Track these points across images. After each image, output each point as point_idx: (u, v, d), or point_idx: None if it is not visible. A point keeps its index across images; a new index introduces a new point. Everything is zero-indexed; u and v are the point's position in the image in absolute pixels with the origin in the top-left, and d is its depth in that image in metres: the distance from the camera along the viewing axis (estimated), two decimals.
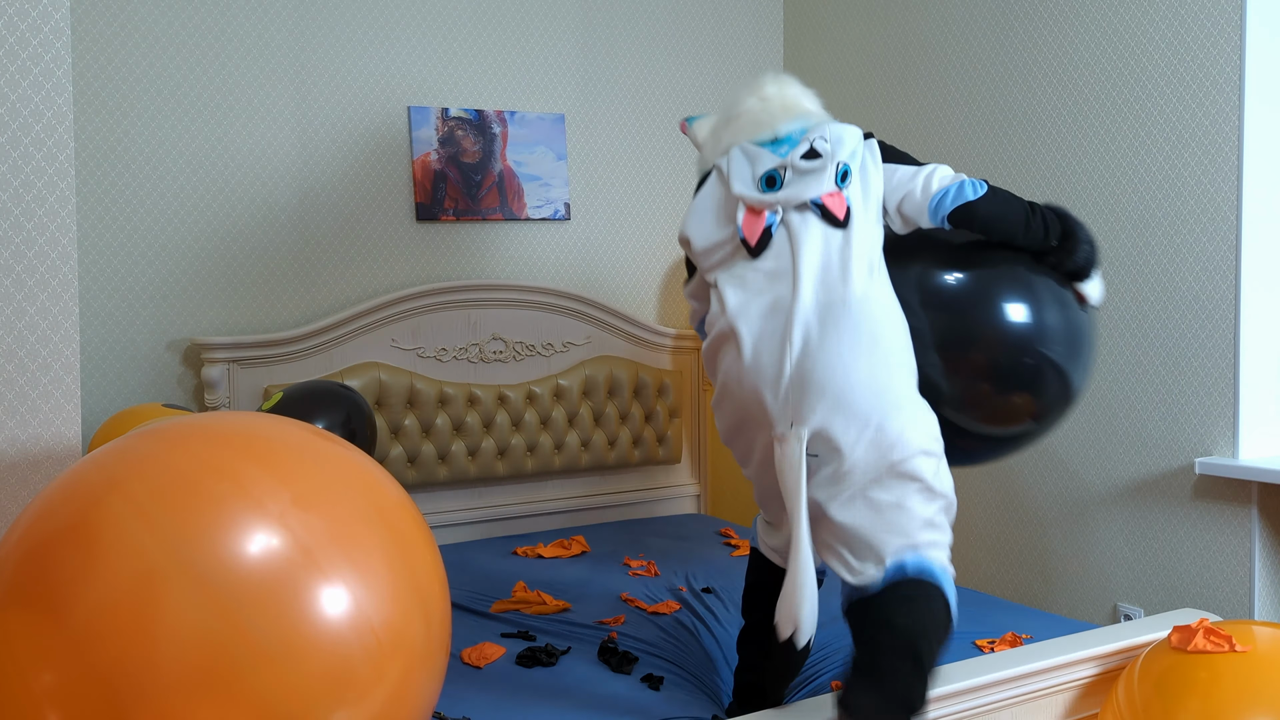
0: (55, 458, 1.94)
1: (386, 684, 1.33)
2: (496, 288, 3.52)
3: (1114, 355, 3.02)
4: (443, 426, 3.39)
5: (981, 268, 1.90)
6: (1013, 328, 1.87)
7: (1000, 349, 1.88)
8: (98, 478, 1.34)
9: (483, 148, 3.57)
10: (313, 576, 1.29)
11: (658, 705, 1.98)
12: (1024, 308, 1.87)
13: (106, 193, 3.08)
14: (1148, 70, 2.91)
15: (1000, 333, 1.87)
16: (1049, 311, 1.88)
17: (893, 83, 3.68)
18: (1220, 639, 1.79)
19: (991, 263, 1.90)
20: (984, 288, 1.89)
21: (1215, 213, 2.77)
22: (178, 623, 1.22)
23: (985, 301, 1.88)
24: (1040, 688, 1.94)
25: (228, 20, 3.21)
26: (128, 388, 3.10)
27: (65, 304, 1.94)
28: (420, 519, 1.52)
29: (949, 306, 1.89)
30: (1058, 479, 3.19)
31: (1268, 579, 2.75)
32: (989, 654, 2.03)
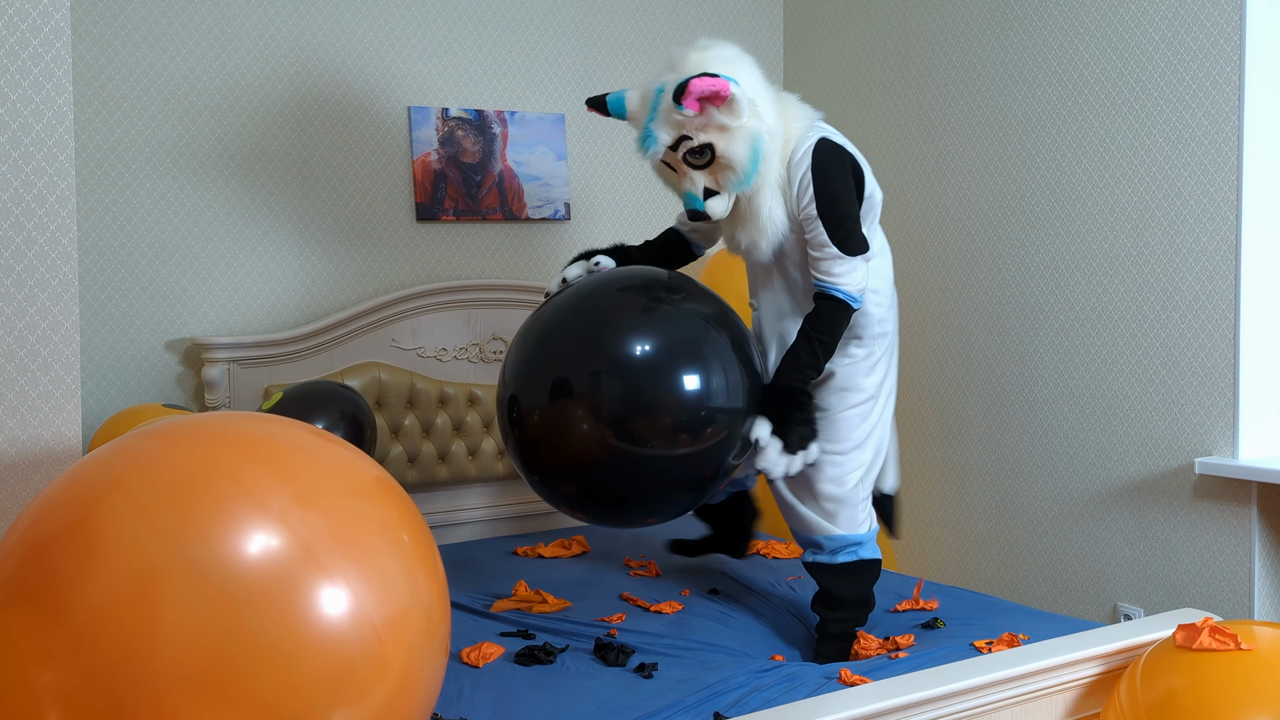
0: (55, 458, 1.94)
1: (387, 683, 1.33)
2: (496, 288, 3.52)
3: (1114, 355, 3.02)
4: (443, 426, 3.39)
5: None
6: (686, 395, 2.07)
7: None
8: (98, 477, 1.34)
9: (483, 148, 3.57)
10: (314, 574, 1.29)
11: (649, 692, 1.98)
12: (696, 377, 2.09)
13: (106, 193, 3.08)
14: (1148, 70, 2.91)
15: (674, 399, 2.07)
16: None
17: (893, 83, 3.68)
18: (1226, 637, 1.79)
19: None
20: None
21: (1215, 213, 2.77)
22: (178, 621, 1.22)
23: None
24: (1041, 687, 1.94)
25: (228, 20, 3.21)
26: (128, 388, 3.10)
27: (65, 304, 1.94)
28: (420, 518, 1.52)
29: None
30: (1058, 479, 3.19)
31: (1268, 579, 2.75)
32: (988, 654, 2.03)
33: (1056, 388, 3.19)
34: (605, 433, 2.06)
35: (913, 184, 3.62)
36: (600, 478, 2.13)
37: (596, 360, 2.10)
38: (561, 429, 2.10)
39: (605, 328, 2.12)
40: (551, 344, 2.16)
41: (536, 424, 2.13)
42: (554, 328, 2.18)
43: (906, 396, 3.68)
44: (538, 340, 2.18)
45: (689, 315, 2.18)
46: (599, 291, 2.22)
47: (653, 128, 2.15)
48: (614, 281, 2.25)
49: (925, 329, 3.59)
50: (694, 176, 2.17)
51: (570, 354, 2.13)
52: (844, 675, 2.02)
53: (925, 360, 3.60)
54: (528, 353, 2.18)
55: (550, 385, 2.12)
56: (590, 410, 2.08)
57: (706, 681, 2.03)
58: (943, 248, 3.52)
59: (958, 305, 3.47)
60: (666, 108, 2.13)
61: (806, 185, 2.22)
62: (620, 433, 2.06)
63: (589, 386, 2.09)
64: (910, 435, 3.67)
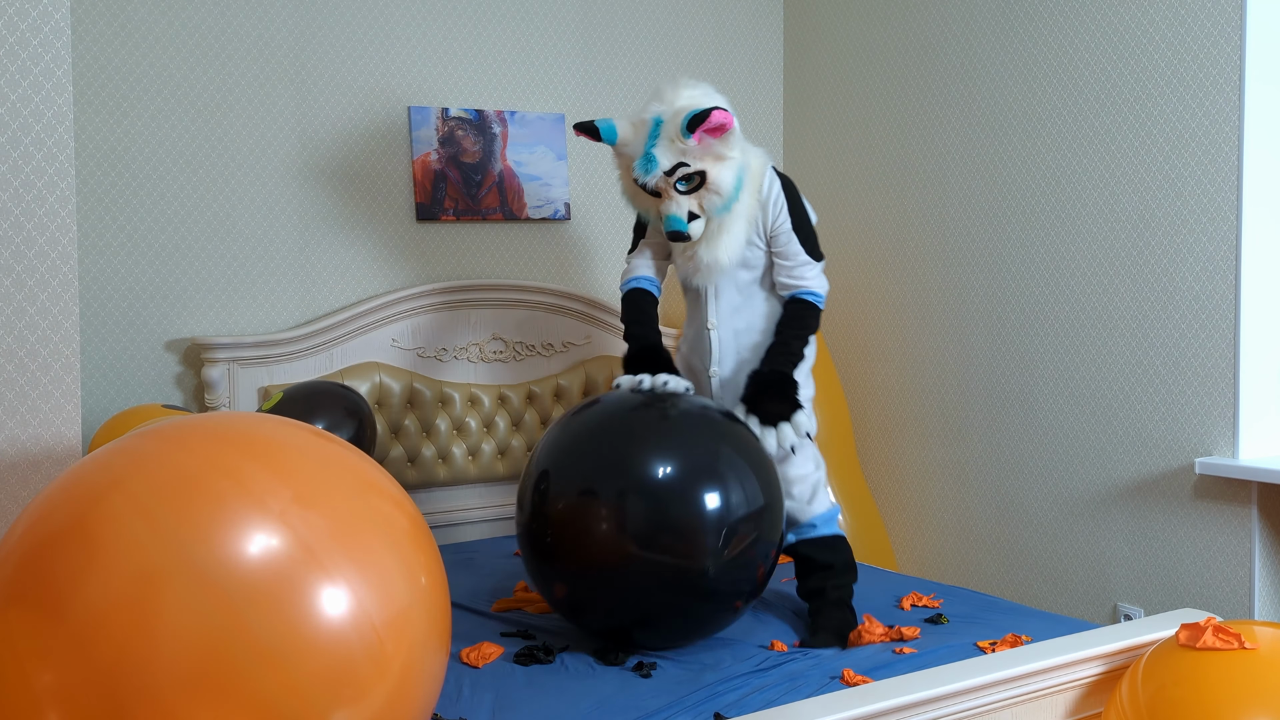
0: (55, 458, 1.93)
1: (387, 683, 1.33)
2: (496, 288, 3.52)
3: (1114, 355, 3.02)
4: (443, 426, 3.39)
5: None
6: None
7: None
8: (98, 477, 1.34)
9: (483, 148, 3.57)
10: (314, 574, 1.29)
11: (649, 692, 1.98)
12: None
13: (106, 193, 3.07)
14: (1148, 70, 2.91)
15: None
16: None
17: (893, 83, 3.68)
18: (1230, 636, 1.79)
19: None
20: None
21: (1215, 213, 2.77)
22: (178, 621, 1.22)
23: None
24: (1042, 687, 1.94)
25: (228, 20, 3.21)
26: (128, 388, 3.10)
27: (65, 304, 1.94)
28: (420, 518, 1.52)
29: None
30: (1058, 479, 3.19)
31: (1268, 579, 2.75)
32: (989, 654, 2.03)
33: (1056, 388, 3.19)
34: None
35: (913, 184, 3.62)
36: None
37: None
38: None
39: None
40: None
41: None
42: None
43: (907, 396, 3.68)
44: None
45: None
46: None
47: (655, 153, 2.37)
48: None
49: (925, 329, 3.59)
50: (680, 200, 2.41)
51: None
52: (846, 675, 2.02)
53: (925, 360, 3.60)
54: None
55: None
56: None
57: (707, 681, 2.03)
58: (943, 248, 3.52)
59: (958, 305, 3.48)
60: (671, 135, 2.37)
61: (781, 205, 2.52)
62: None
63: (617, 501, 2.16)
64: (910, 435, 3.67)
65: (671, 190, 2.40)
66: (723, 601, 2.20)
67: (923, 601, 2.57)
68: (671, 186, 2.40)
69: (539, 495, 2.20)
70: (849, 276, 3.87)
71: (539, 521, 2.19)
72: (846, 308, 3.89)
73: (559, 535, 2.17)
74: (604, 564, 2.13)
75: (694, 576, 2.12)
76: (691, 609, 2.17)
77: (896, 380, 3.71)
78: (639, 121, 2.43)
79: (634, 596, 2.14)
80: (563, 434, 2.27)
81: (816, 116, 4.00)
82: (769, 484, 2.24)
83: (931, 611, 2.50)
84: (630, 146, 2.43)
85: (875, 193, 3.76)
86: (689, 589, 2.14)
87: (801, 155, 4.07)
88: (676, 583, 2.13)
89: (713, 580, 2.13)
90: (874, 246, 3.77)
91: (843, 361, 3.90)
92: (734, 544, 2.13)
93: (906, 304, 3.66)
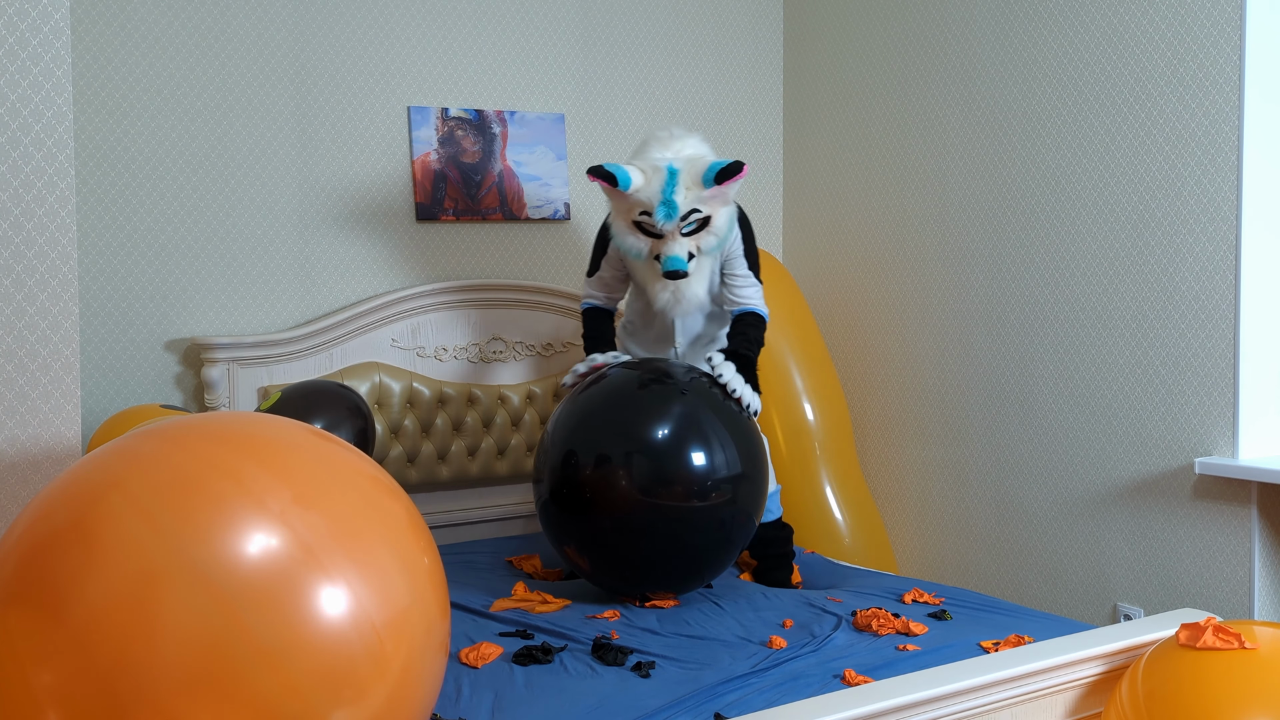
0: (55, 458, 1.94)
1: (386, 683, 1.33)
2: (496, 288, 3.52)
3: (1114, 355, 3.02)
4: (443, 426, 3.39)
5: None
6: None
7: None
8: (98, 477, 1.34)
9: (483, 148, 3.57)
10: (314, 574, 1.29)
11: (648, 692, 1.98)
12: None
13: (106, 193, 3.07)
14: (1148, 70, 2.91)
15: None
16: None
17: (893, 83, 3.68)
18: (1230, 636, 1.79)
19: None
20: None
21: (1215, 213, 2.77)
22: (178, 621, 1.22)
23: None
24: (1042, 687, 1.94)
25: (228, 20, 3.21)
26: (127, 388, 3.10)
27: (65, 304, 1.94)
28: (419, 518, 1.52)
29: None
30: (1058, 479, 3.19)
31: (1268, 579, 2.75)
32: (989, 654, 2.03)
33: (1056, 388, 3.19)
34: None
35: (913, 184, 3.62)
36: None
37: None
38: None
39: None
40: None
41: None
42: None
43: (907, 396, 3.68)
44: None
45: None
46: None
47: (676, 199, 2.63)
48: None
49: (925, 329, 3.59)
50: (682, 242, 2.67)
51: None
52: (847, 675, 2.02)
53: (925, 360, 3.60)
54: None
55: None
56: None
57: (707, 681, 2.03)
58: (942, 248, 3.52)
59: (958, 305, 3.47)
60: (688, 183, 2.64)
61: (737, 236, 2.83)
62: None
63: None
64: (910, 435, 3.67)
65: (677, 233, 2.65)
66: (714, 537, 2.56)
67: (924, 598, 2.57)
68: (678, 230, 2.65)
69: (566, 463, 2.57)
70: (849, 276, 3.87)
71: (567, 485, 2.55)
72: (846, 308, 3.89)
73: (585, 494, 2.53)
74: (621, 512, 2.51)
75: (688, 514, 2.52)
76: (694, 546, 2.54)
77: (896, 380, 3.71)
78: (648, 169, 2.67)
79: (646, 540, 2.51)
80: (573, 410, 2.64)
81: (816, 116, 4.00)
82: (748, 441, 2.63)
83: (934, 608, 2.50)
84: (641, 192, 2.66)
85: (875, 193, 3.76)
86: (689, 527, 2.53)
87: (801, 155, 4.07)
88: (678, 520, 2.52)
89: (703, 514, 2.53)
90: (874, 246, 3.77)
91: (843, 361, 3.90)
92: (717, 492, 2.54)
93: (906, 304, 3.66)
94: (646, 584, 2.58)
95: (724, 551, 2.60)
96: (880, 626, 2.32)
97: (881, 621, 2.33)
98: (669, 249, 2.67)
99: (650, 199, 2.65)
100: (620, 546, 2.54)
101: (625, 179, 2.66)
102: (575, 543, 2.58)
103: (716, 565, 2.60)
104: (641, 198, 2.67)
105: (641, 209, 2.68)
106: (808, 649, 2.22)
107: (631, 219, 2.72)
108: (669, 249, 2.67)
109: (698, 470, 2.51)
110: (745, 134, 4.05)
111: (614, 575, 2.59)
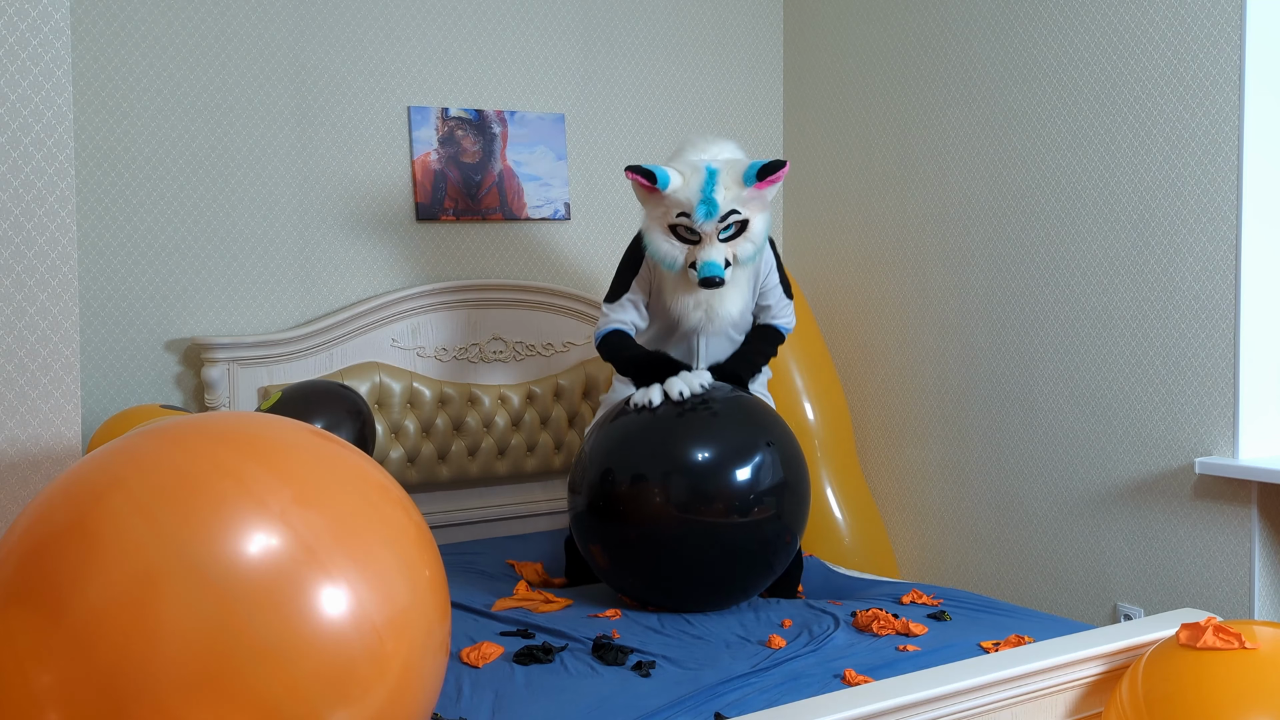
0: (55, 458, 1.94)
1: (387, 682, 1.33)
2: (496, 288, 3.52)
3: (1114, 355, 3.02)
4: (443, 426, 3.39)
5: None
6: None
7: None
8: (98, 477, 1.34)
9: (483, 148, 3.57)
10: (314, 574, 1.29)
11: (649, 692, 1.99)
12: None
13: (106, 193, 3.07)
14: (1148, 70, 2.91)
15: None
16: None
17: (893, 83, 3.68)
18: (1230, 636, 1.79)
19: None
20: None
21: (1215, 213, 2.77)
22: (179, 621, 1.22)
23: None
24: (1042, 687, 1.94)
25: (228, 20, 3.21)
26: (127, 388, 3.10)
27: (65, 304, 1.94)
28: (420, 519, 1.52)
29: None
30: (1058, 479, 3.19)
31: (1268, 579, 2.75)
32: (989, 654, 2.03)
33: (1056, 388, 3.19)
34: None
35: (913, 184, 3.62)
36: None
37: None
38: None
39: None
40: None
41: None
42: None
43: (907, 396, 3.68)
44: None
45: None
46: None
47: (716, 199, 2.56)
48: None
49: (925, 329, 3.59)
50: (719, 247, 2.60)
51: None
52: (847, 675, 2.02)
53: (925, 360, 3.60)
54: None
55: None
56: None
57: (707, 681, 2.03)
58: (942, 247, 3.52)
59: (957, 305, 3.47)
60: (728, 183, 2.58)
61: (771, 263, 2.83)
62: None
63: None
64: (910, 435, 3.67)
65: (714, 237, 2.58)
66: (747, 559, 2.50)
67: (924, 599, 2.57)
68: (715, 233, 2.58)
69: (603, 479, 2.52)
70: (849, 276, 3.87)
71: (604, 499, 2.51)
72: (846, 308, 3.89)
73: (620, 509, 2.50)
74: (652, 525, 2.47)
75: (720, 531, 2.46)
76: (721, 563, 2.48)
77: (896, 380, 3.71)
78: (686, 169, 2.60)
79: (675, 553, 2.47)
80: (611, 431, 2.60)
81: (816, 116, 4.00)
82: (793, 464, 2.57)
83: (934, 609, 2.50)
84: (680, 192, 2.58)
85: (875, 192, 3.76)
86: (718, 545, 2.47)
87: (801, 155, 4.07)
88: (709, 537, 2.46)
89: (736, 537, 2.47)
90: (874, 246, 3.77)
91: (843, 361, 3.90)
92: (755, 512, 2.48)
93: (906, 304, 3.66)
94: (662, 592, 2.52)
95: (761, 567, 2.53)
96: (880, 627, 2.32)
97: (881, 622, 2.33)
98: (706, 254, 2.58)
99: (689, 199, 2.57)
100: (651, 556, 2.49)
101: (665, 178, 2.59)
102: (602, 543, 2.54)
103: (751, 581, 2.54)
104: (680, 198, 2.59)
105: (680, 210, 2.59)
106: (808, 649, 2.22)
107: (668, 222, 2.62)
108: (706, 254, 2.58)
109: (739, 485, 2.46)
110: (745, 134, 4.05)
111: (634, 578, 2.54)
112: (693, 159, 2.64)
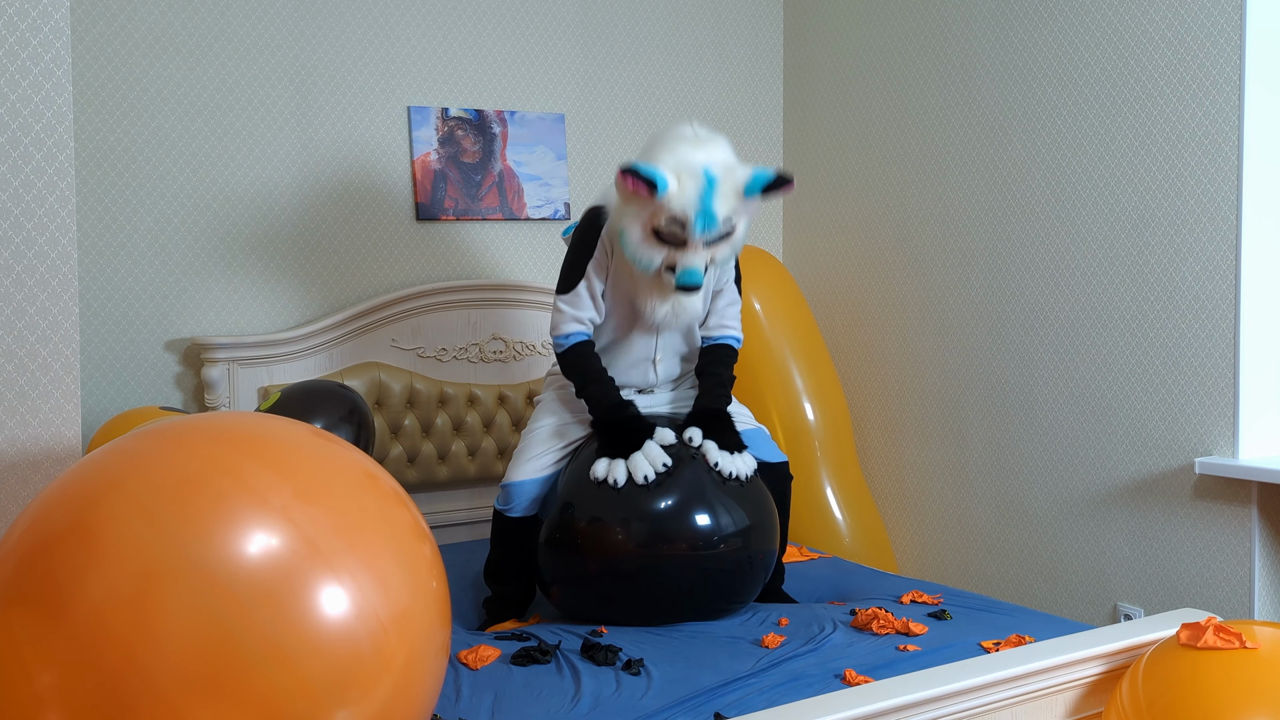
0: (55, 458, 1.93)
1: (390, 681, 1.33)
2: (496, 288, 3.52)
3: (1114, 355, 3.02)
4: (443, 426, 3.39)
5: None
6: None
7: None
8: (98, 477, 1.34)
9: (483, 148, 3.57)
10: (318, 569, 1.29)
11: (650, 692, 1.99)
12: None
13: (106, 193, 3.07)
14: (1148, 70, 2.91)
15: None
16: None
17: (893, 83, 3.68)
18: (1231, 636, 1.79)
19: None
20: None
21: (1215, 213, 2.77)
22: (180, 620, 1.22)
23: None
24: (1042, 687, 1.94)
25: (228, 20, 3.21)
26: (127, 388, 3.10)
27: (65, 304, 1.94)
28: (420, 517, 1.52)
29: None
30: (1058, 479, 3.19)
31: (1268, 579, 2.75)
32: (989, 654, 2.03)
33: (1056, 388, 3.19)
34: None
35: (912, 184, 3.62)
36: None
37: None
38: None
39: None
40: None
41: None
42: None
43: (907, 397, 3.68)
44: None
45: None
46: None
47: (715, 212, 2.39)
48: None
49: (925, 329, 3.59)
50: (703, 253, 2.44)
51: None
52: (847, 675, 2.02)
53: (925, 360, 3.60)
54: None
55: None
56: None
57: (706, 682, 2.03)
58: (942, 247, 3.52)
59: (958, 305, 3.47)
60: (727, 192, 2.40)
61: (731, 262, 2.69)
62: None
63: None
64: (910, 435, 3.67)
65: (700, 244, 2.42)
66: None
67: (924, 599, 2.57)
68: (700, 240, 2.42)
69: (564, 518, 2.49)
70: (849, 276, 3.87)
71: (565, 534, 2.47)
72: (846, 308, 3.89)
73: (581, 543, 2.45)
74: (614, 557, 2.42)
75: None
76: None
77: (896, 380, 3.71)
78: (682, 171, 2.38)
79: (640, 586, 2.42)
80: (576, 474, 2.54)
81: (816, 116, 4.00)
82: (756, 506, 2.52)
83: (934, 608, 2.50)
84: (675, 200, 2.37)
85: (875, 192, 3.76)
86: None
87: (801, 155, 4.07)
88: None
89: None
90: (873, 246, 3.77)
91: (843, 361, 3.90)
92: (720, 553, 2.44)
93: (906, 304, 3.66)
94: (617, 613, 2.48)
95: (738, 587, 2.50)
96: (880, 626, 2.32)
97: (881, 622, 2.33)
98: (688, 260, 2.42)
99: (685, 207, 2.36)
100: (611, 588, 2.45)
101: (664, 185, 2.35)
102: (560, 584, 2.50)
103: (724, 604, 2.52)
104: (675, 206, 2.36)
105: (672, 216, 2.38)
106: (807, 649, 2.22)
107: (654, 225, 2.40)
108: (688, 260, 2.42)
109: (702, 530, 2.42)
110: (745, 134, 4.05)
111: (584, 602, 2.50)
112: (687, 158, 2.40)
